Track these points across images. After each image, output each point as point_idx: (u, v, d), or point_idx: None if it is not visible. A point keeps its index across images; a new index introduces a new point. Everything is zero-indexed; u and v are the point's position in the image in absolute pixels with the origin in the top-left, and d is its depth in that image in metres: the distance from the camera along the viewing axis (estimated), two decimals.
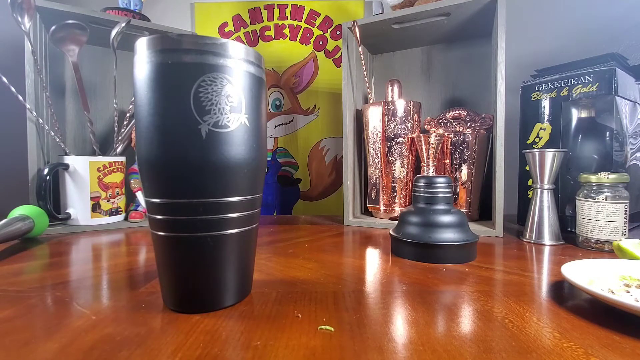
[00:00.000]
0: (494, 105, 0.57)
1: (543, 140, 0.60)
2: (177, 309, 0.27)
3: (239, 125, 0.26)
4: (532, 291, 0.32)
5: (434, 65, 0.75)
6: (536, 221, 0.51)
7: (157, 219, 0.26)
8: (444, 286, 0.33)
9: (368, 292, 0.32)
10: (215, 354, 0.21)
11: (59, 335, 0.24)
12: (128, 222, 0.65)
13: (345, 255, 0.44)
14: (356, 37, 0.65)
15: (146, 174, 0.26)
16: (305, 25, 0.89)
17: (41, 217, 0.53)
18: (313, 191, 0.90)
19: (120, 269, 0.39)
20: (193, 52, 0.25)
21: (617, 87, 0.53)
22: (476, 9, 0.58)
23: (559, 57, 0.67)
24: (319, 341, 0.23)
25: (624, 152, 0.55)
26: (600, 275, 0.31)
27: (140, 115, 0.26)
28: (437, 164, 0.61)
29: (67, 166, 0.60)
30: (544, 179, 0.51)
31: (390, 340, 0.23)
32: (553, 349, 0.22)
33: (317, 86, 0.89)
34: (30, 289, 0.32)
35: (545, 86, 0.60)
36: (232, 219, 0.27)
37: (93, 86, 0.73)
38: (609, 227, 0.45)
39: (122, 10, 0.68)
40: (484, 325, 0.25)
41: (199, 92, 0.25)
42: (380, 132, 0.65)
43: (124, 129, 0.67)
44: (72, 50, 0.62)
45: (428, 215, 0.42)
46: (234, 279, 0.28)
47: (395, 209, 0.65)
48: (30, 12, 0.56)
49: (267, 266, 0.39)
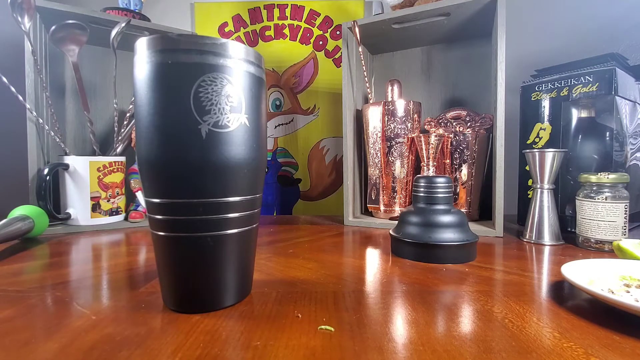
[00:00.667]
0: (494, 105, 0.57)
1: (543, 140, 0.60)
2: (177, 309, 0.27)
3: (239, 125, 0.26)
4: (532, 291, 0.32)
5: (434, 65, 0.75)
6: (536, 221, 0.51)
7: (157, 219, 0.26)
8: (444, 286, 0.33)
9: (368, 292, 0.32)
10: (215, 354, 0.21)
11: (59, 335, 0.24)
12: (128, 222, 0.65)
13: (345, 255, 0.44)
14: (356, 37, 0.65)
15: (146, 174, 0.26)
16: (305, 25, 0.89)
17: (41, 217, 0.53)
18: (313, 191, 0.90)
19: (120, 269, 0.39)
20: (193, 52, 0.25)
21: (617, 87, 0.53)
22: (476, 9, 0.58)
23: (559, 57, 0.67)
24: (319, 341, 0.23)
25: (624, 152, 0.55)
26: (600, 275, 0.31)
27: (140, 115, 0.26)
28: (437, 164, 0.61)
29: (67, 166, 0.60)
30: (544, 179, 0.51)
31: (390, 340, 0.23)
32: (553, 349, 0.22)
33: (317, 86, 0.89)
34: (30, 289, 0.32)
35: (545, 86, 0.60)
36: (232, 219, 0.27)
37: (93, 86, 0.73)
38: (609, 227, 0.45)
39: (122, 10, 0.68)
40: (484, 325, 0.25)
41: (199, 92, 0.25)
42: (380, 132, 0.65)
43: (124, 129, 0.67)
44: (72, 50, 0.62)
45: (428, 215, 0.42)
46: (234, 279, 0.28)
47: (395, 209, 0.65)
48: (30, 12, 0.56)
49: (267, 266, 0.39)
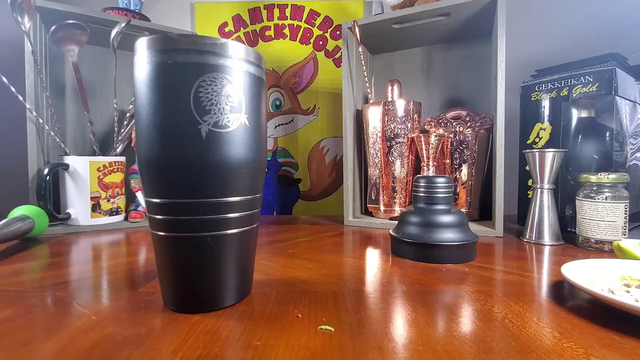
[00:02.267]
0: (494, 105, 0.57)
1: (543, 140, 0.60)
2: (177, 309, 0.27)
3: (239, 125, 0.26)
4: (532, 291, 0.32)
5: (434, 65, 0.75)
6: (536, 221, 0.51)
7: (157, 219, 0.26)
8: (444, 286, 0.33)
9: (368, 292, 0.31)
10: (215, 354, 0.21)
11: (59, 335, 0.24)
12: (128, 222, 0.65)
13: (345, 255, 0.44)
14: (356, 37, 0.65)
15: (146, 174, 0.26)
16: (305, 25, 0.89)
17: (41, 217, 0.53)
18: (313, 191, 0.90)
19: (120, 269, 0.38)
20: (193, 52, 0.25)
21: (617, 87, 0.53)
22: (476, 9, 0.58)
23: (559, 57, 0.67)
24: (319, 341, 0.23)
25: (624, 152, 0.55)
26: (600, 275, 0.31)
27: (140, 115, 0.26)
28: (437, 164, 0.61)
29: (67, 166, 0.60)
30: (544, 179, 0.51)
31: (390, 340, 0.23)
32: (553, 349, 0.22)
33: (317, 86, 0.89)
34: (30, 289, 0.32)
35: (545, 86, 0.60)
36: (232, 219, 0.27)
37: (93, 86, 0.73)
38: (609, 227, 0.45)
39: (122, 10, 0.68)
40: (484, 325, 0.25)
41: (199, 92, 0.25)
42: (380, 132, 0.65)
43: (124, 129, 0.67)
44: (72, 50, 0.62)
45: (428, 215, 0.42)
46: (234, 279, 0.28)
47: (395, 209, 0.65)
48: (30, 12, 0.56)
49: (267, 266, 0.39)
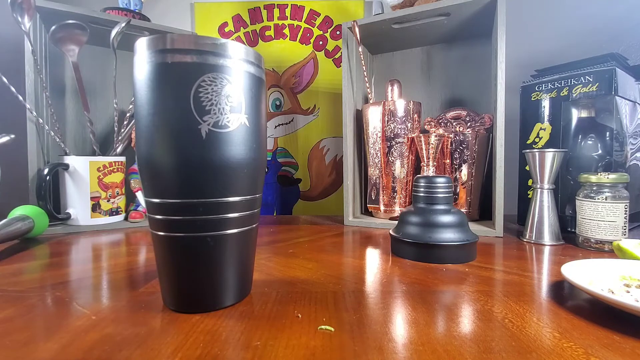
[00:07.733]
0: (494, 105, 0.57)
1: (543, 140, 0.60)
2: (177, 309, 0.27)
3: (239, 126, 0.26)
4: (532, 291, 0.32)
5: (434, 65, 0.75)
6: (536, 221, 0.51)
7: (157, 219, 0.26)
8: (444, 286, 0.33)
9: (368, 292, 0.31)
10: (215, 354, 0.21)
11: (59, 335, 0.24)
12: (128, 222, 0.65)
13: (345, 255, 0.44)
14: (356, 37, 0.65)
15: (146, 174, 0.26)
16: (305, 25, 0.89)
17: (41, 217, 0.53)
18: (313, 191, 0.90)
19: (120, 269, 0.38)
20: (193, 52, 0.25)
21: (617, 87, 0.53)
22: (476, 9, 0.58)
23: (559, 57, 0.67)
24: (319, 341, 0.23)
25: (624, 152, 0.54)
26: (600, 275, 0.31)
27: (140, 115, 0.26)
28: (437, 164, 0.61)
29: (67, 166, 0.60)
30: (544, 179, 0.51)
31: (390, 340, 0.23)
32: (553, 349, 0.22)
33: (317, 86, 0.89)
34: (30, 289, 0.32)
35: (545, 86, 0.60)
36: (232, 219, 0.27)
37: (93, 86, 0.73)
38: (609, 227, 0.45)
39: (122, 10, 0.68)
40: (484, 325, 0.25)
41: (199, 92, 0.25)
42: (380, 132, 0.65)
43: (124, 129, 0.67)
44: (72, 50, 0.62)
45: (428, 215, 0.42)
46: (233, 279, 0.28)
47: (395, 209, 0.65)
48: (30, 12, 0.56)
49: (267, 266, 0.39)
